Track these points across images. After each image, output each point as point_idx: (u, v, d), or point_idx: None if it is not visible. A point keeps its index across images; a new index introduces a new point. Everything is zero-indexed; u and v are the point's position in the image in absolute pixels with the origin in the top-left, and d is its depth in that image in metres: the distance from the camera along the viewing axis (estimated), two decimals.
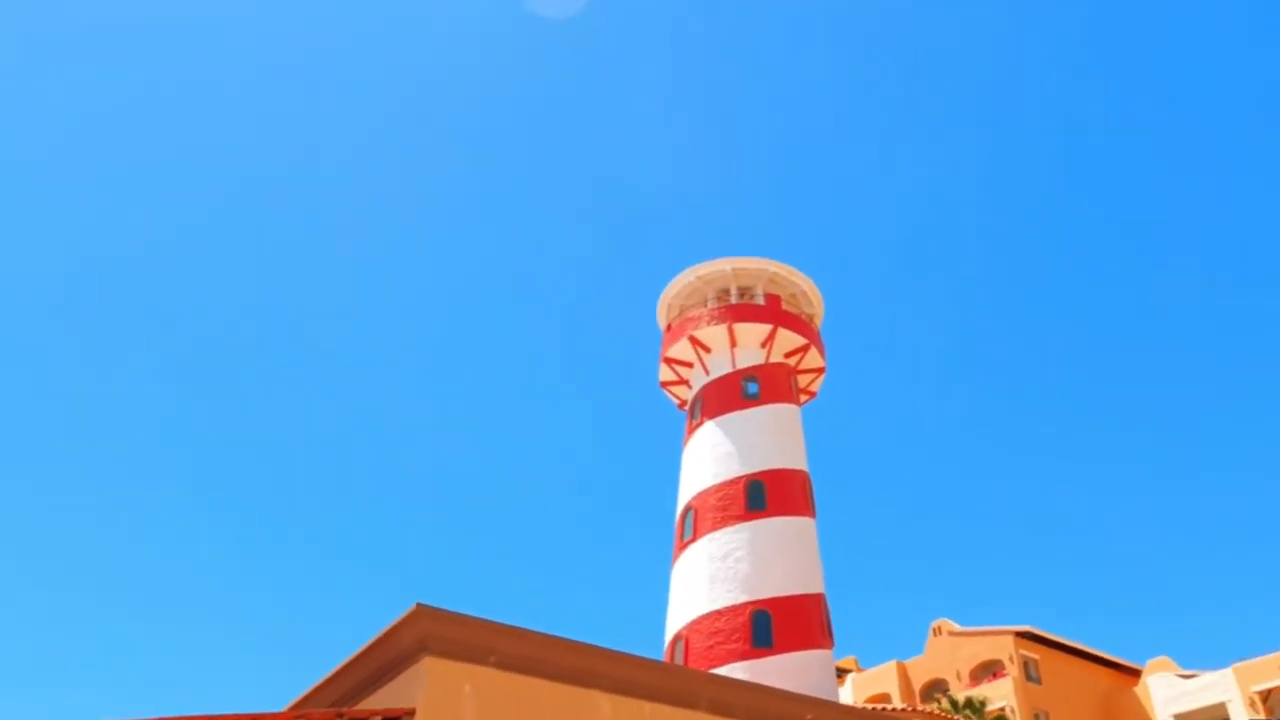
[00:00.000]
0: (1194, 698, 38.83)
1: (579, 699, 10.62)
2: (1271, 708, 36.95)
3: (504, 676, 10.23)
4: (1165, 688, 40.20)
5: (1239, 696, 37.34)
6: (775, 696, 12.36)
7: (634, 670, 11.24)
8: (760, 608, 26.64)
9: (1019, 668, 42.95)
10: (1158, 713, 39.29)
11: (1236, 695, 37.42)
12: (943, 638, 47.03)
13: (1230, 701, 37.65)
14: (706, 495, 30.26)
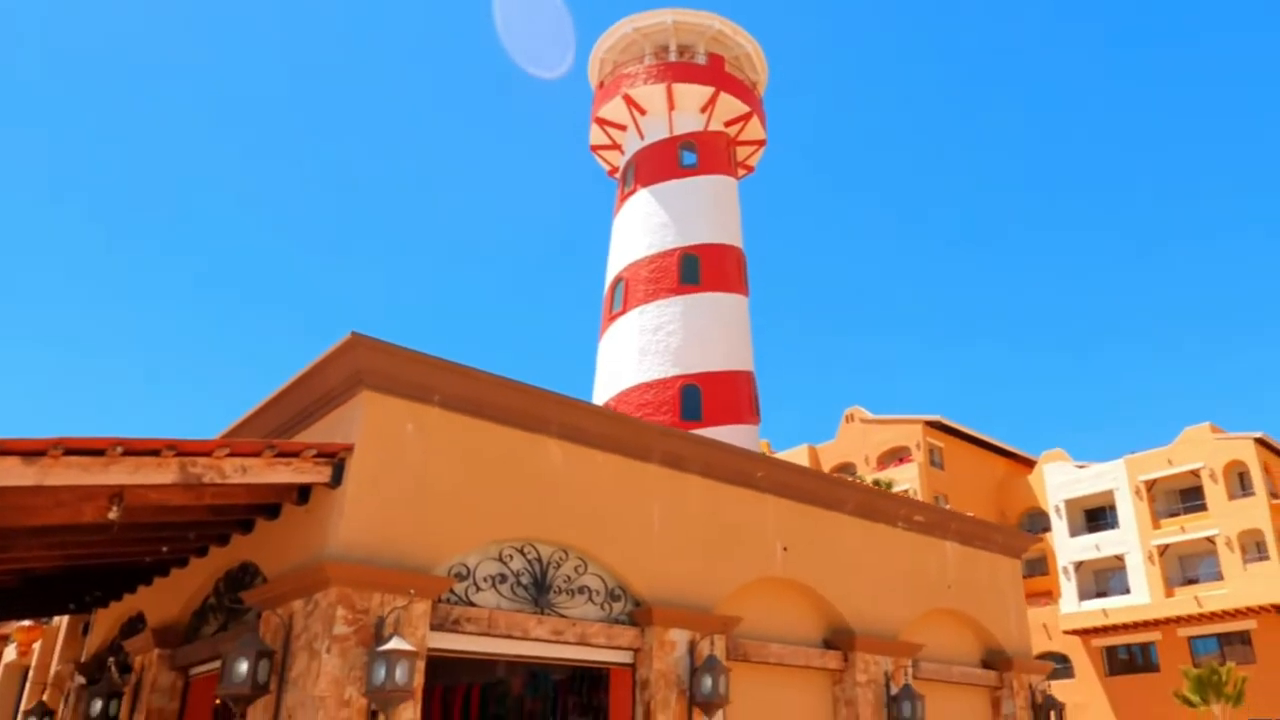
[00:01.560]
0: (1085, 485, 42.87)
1: (528, 444, 10.30)
2: (1154, 495, 41.14)
3: (449, 417, 9.73)
4: (1059, 475, 44.14)
5: (1126, 485, 41.32)
6: (729, 452, 12.41)
7: (587, 418, 10.93)
8: (690, 382, 27.04)
9: (924, 454, 46.20)
10: (1050, 498, 43.31)
11: (1125, 484, 41.40)
12: (854, 424, 49.91)
13: (1118, 489, 41.72)
14: (638, 267, 29.74)
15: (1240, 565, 37.45)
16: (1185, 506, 41.22)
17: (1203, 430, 41.13)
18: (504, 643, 9.52)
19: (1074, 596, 40.77)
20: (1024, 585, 16.46)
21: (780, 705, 11.92)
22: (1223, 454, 39.65)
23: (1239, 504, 38.77)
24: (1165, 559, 40.13)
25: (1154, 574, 39.68)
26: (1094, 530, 42.00)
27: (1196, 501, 40.42)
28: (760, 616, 11.99)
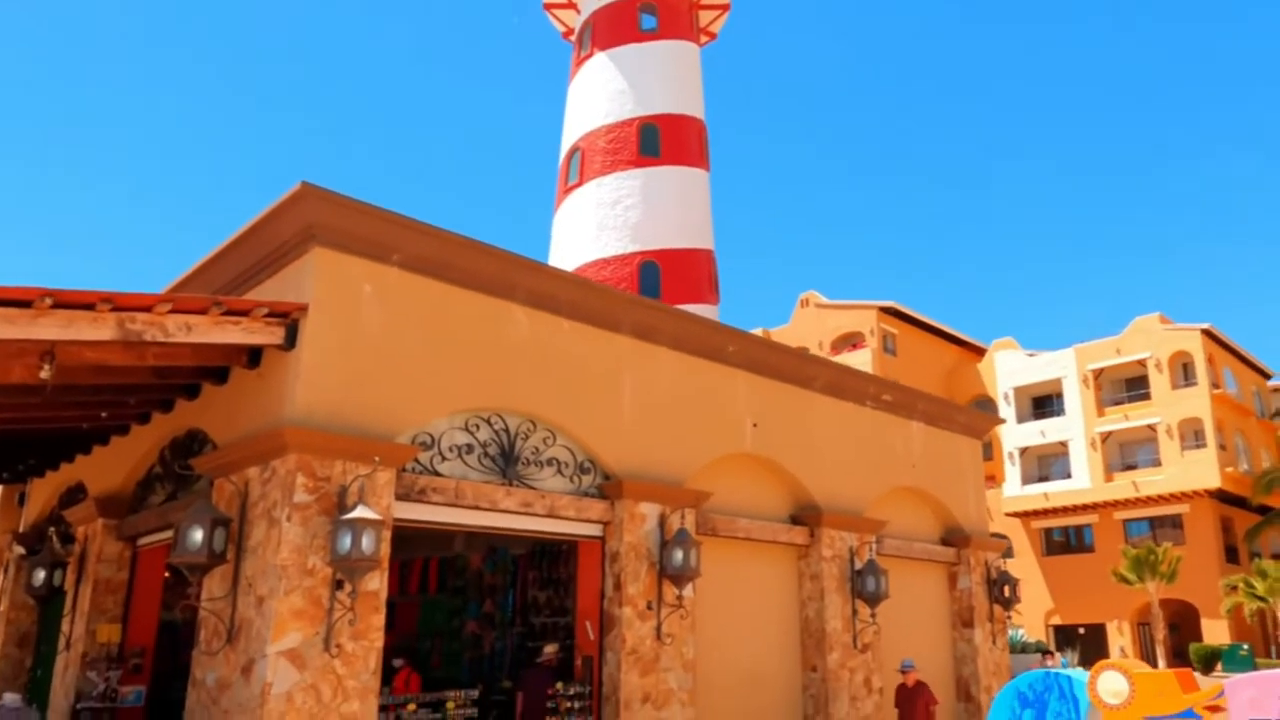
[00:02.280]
0: (1034, 372, 44.05)
1: (495, 310, 9.91)
2: (1101, 384, 42.48)
3: (410, 279, 9.26)
4: (1009, 363, 45.24)
5: (1075, 374, 42.53)
6: (700, 325, 12.19)
7: (555, 284, 10.54)
8: (649, 258, 26.61)
9: (878, 340, 46.82)
10: (999, 385, 44.47)
11: (1073, 373, 42.59)
12: (809, 309, 50.21)
13: (1066, 378, 42.94)
14: (595, 136, 28.74)
15: (1178, 452, 39.35)
16: (1130, 395, 42.81)
17: (1152, 320, 42.30)
18: (471, 514, 9.37)
19: (1017, 481, 42.54)
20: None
21: (748, 579, 12.13)
22: (1170, 344, 40.95)
23: (1181, 393, 40.40)
24: (1107, 446, 41.95)
25: (1095, 460, 41.56)
26: (1040, 417, 43.52)
27: (1141, 390, 41.97)
28: (730, 492, 12.04)
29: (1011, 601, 15.19)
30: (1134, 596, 36.62)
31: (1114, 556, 37.46)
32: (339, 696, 7.79)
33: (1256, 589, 30.89)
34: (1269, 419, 42.97)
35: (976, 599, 15.11)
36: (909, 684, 11.58)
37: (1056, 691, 6.79)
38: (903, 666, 11.71)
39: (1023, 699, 6.95)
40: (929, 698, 11.45)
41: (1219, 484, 36.98)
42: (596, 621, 10.27)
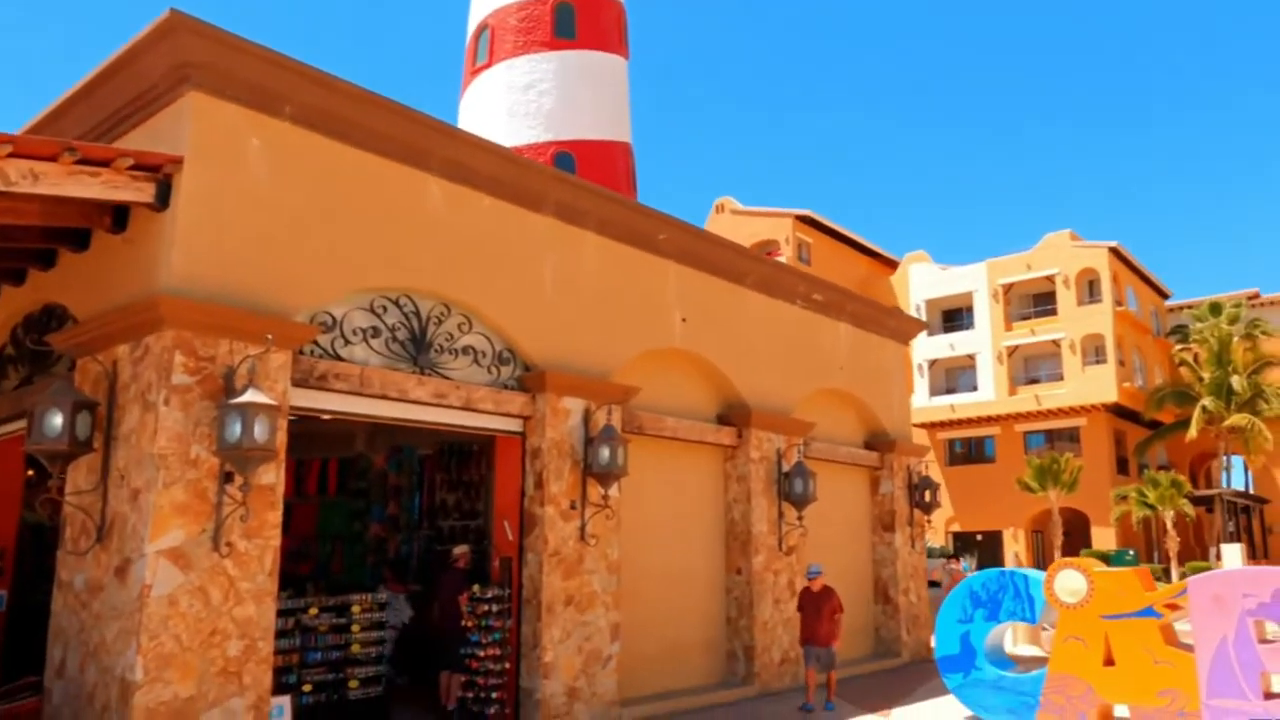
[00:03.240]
0: (946, 286, 44.98)
1: (405, 179, 9.02)
2: (1010, 299, 43.68)
3: (306, 136, 8.27)
4: (922, 276, 46.05)
5: (985, 288, 43.58)
6: (629, 209, 11.50)
7: (473, 154, 9.67)
8: (563, 149, 25.52)
9: (793, 249, 46.92)
10: (912, 298, 45.26)
11: (984, 287, 43.63)
12: (725, 215, 49.82)
13: (977, 291, 43.99)
14: (506, 13, 27.09)
15: (1080, 368, 41.07)
16: (1037, 310, 44.23)
17: (1062, 237, 43.49)
18: (379, 404, 8.64)
19: (925, 392, 43.81)
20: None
21: (674, 480, 11.81)
22: (1078, 261, 42.27)
23: (1086, 310, 41.94)
24: (1013, 360, 43.44)
25: (1001, 373, 43.05)
26: (950, 330, 44.67)
27: (1048, 306, 43.39)
28: (656, 389, 11.59)
29: (932, 506, 15.42)
30: (1029, 505, 38.49)
31: (1013, 467, 39.17)
32: (230, 600, 7.11)
33: (1149, 498, 32.78)
34: (1164, 337, 45.11)
35: (898, 503, 15.27)
36: (814, 589, 11.04)
37: (1011, 591, 6.67)
38: (809, 572, 11.22)
39: (975, 598, 6.82)
40: (835, 604, 10.91)
41: (1116, 399, 38.80)
42: (516, 522, 9.78)
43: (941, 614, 6.98)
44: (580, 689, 9.60)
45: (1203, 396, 35.82)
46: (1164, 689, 5.96)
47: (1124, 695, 6.12)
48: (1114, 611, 6.19)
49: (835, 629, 10.79)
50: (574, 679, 9.55)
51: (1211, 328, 37.54)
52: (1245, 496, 40.37)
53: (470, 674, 9.44)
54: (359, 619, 9.08)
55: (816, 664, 10.76)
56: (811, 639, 10.82)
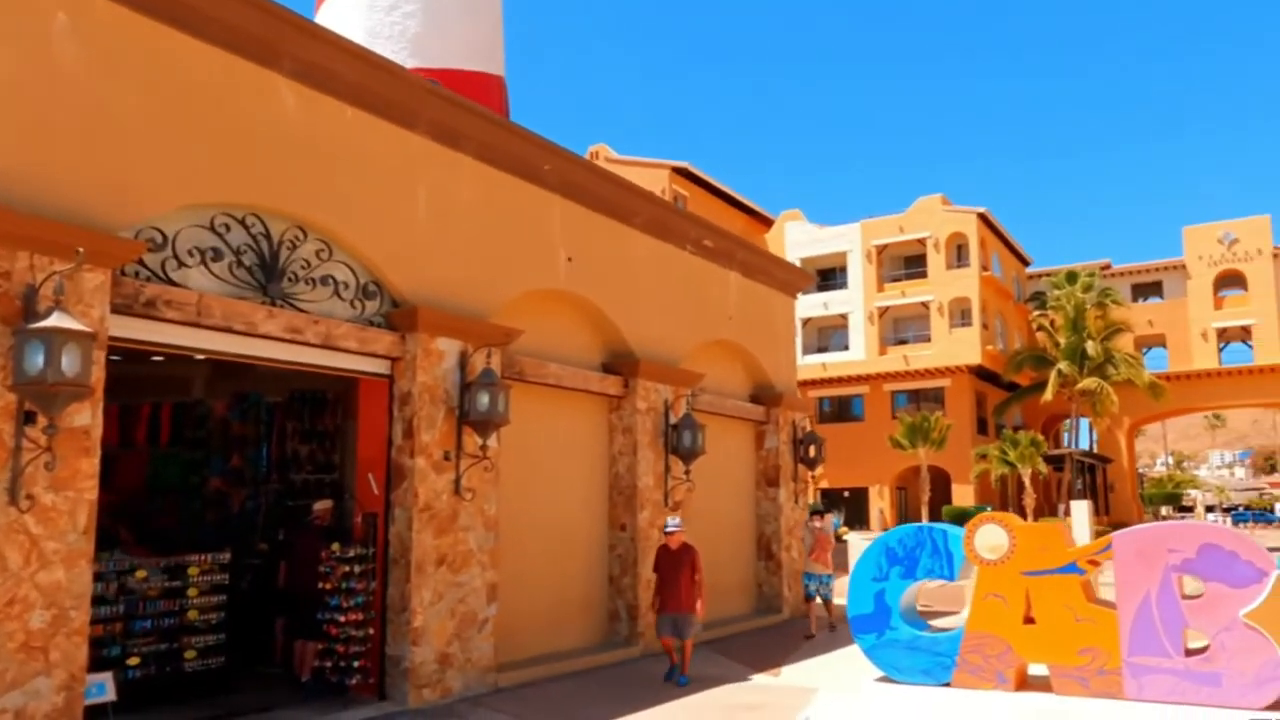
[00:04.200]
0: (821, 245, 45.70)
1: (251, 78, 7.92)
2: (883, 260, 44.77)
3: (129, 17, 7.09)
4: (798, 234, 46.62)
5: (859, 248, 44.52)
6: (513, 134, 10.62)
7: (334, 57, 8.61)
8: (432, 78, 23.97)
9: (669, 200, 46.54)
10: (787, 256, 45.74)
11: (858, 247, 44.56)
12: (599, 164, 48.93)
13: (851, 252, 44.89)
14: None
15: (947, 330, 42.62)
16: (908, 273, 45.56)
17: (934, 201, 44.82)
18: (222, 338, 7.60)
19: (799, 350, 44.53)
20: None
21: (556, 431, 11.15)
22: (948, 225, 43.67)
23: (955, 273, 43.45)
24: (883, 320, 44.73)
25: (871, 333, 44.25)
26: (824, 289, 45.53)
27: (919, 269, 44.74)
28: (539, 333, 10.87)
29: (816, 461, 15.33)
30: (895, 463, 39.86)
31: (881, 425, 40.40)
32: (34, 563, 6.05)
33: (1009, 456, 34.37)
34: (1024, 303, 47.29)
35: (782, 458, 15.11)
36: (672, 546, 9.86)
37: (929, 547, 6.37)
38: (667, 526, 10.10)
39: (891, 555, 6.50)
40: (695, 563, 9.81)
41: (979, 361, 40.46)
42: (382, 475, 8.91)
43: (855, 572, 6.64)
44: (453, 655, 8.90)
45: (1059, 361, 37.73)
46: (1085, 647, 5.79)
47: (1044, 654, 5.93)
48: (1036, 568, 5.97)
49: (696, 592, 9.74)
50: (446, 644, 8.84)
51: (1068, 295, 39.48)
52: (1091, 456, 43.07)
53: (329, 641, 8.59)
54: (196, 582, 8.09)
55: (673, 631, 9.69)
56: (669, 604, 9.68)
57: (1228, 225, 45.68)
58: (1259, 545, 5.58)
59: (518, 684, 9.56)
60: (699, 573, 9.85)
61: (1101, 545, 5.93)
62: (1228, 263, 44.96)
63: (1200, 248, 45.60)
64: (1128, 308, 43.57)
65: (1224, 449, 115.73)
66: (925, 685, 6.19)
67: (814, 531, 13.52)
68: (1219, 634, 5.54)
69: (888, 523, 41.00)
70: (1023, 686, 6.04)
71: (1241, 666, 5.48)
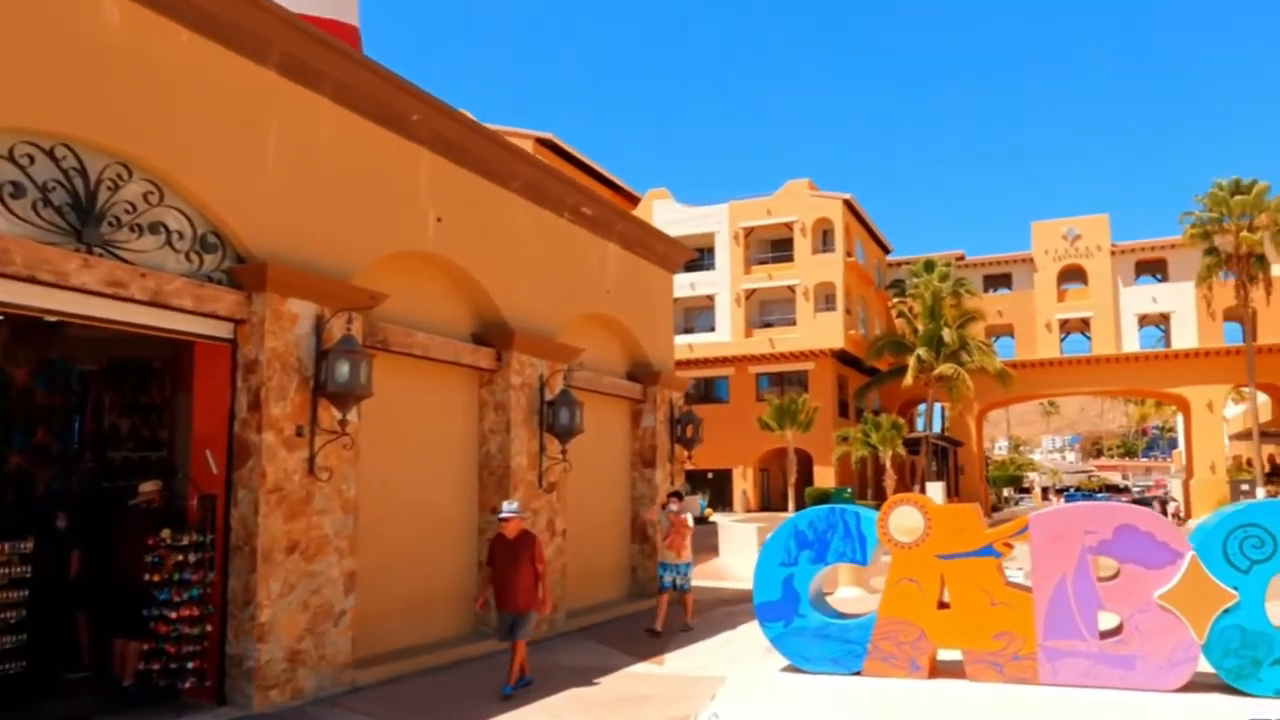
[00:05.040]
0: (689, 225, 45.67)
1: None
2: (750, 243, 45.20)
3: None
4: (665, 214, 46.47)
5: (727, 230, 44.78)
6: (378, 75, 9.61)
7: None
8: None
9: None
10: None
11: (725, 228, 44.82)
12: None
13: (718, 233, 45.10)
14: None
15: (812, 314, 43.47)
16: (775, 256, 46.20)
17: (801, 186, 45.57)
18: (23, 289, 6.49)
19: None
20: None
21: (423, 405, 10.33)
22: (815, 210, 44.47)
23: (820, 258, 44.31)
24: (750, 303, 45.21)
25: (738, 315, 44.68)
26: (691, 270, 45.60)
27: (786, 252, 45.43)
28: (405, 299, 10.03)
29: (694, 442, 15.00)
30: (758, 444, 40.42)
31: (745, 407, 40.86)
32: None
33: (872, 438, 35.29)
34: (884, 290, 48.79)
35: (659, 438, 14.71)
36: (508, 534, 8.42)
37: (841, 530, 6.01)
38: (502, 511, 8.58)
39: (801, 539, 6.10)
40: (536, 553, 8.43)
41: (843, 345, 41.43)
42: (222, 452, 7.91)
43: (761, 556, 6.22)
44: (305, 652, 8.03)
45: (917, 347, 39.01)
46: (1000, 631, 5.57)
47: (958, 639, 5.68)
48: (951, 551, 5.71)
49: (537, 587, 8.37)
50: (297, 640, 7.96)
51: (926, 284, 40.84)
52: (944, 439, 44.90)
53: (157, 640, 7.55)
54: None
55: (508, 634, 8.33)
56: (505, 601, 8.30)
57: (1072, 222, 48.36)
58: (1174, 526, 5.47)
59: (379, 681, 8.78)
60: (541, 564, 8.45)
61: (1018, 527, 5.72)
62: (1070, 258, 47.61)
63: (1046, 242, 48.11)
64: (980, 298, 45.53)
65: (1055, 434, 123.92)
66: (835, 675, 5.86)
67: (671, 516, 11.86)
68: (1133, 616, 5.42)
69: (751, 505, 41.57)
70: (934, 674, 5.78)
71: (1155, 648, 5.37)
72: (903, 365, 40.03)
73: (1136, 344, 46.86)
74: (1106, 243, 47.23)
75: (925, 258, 43.53)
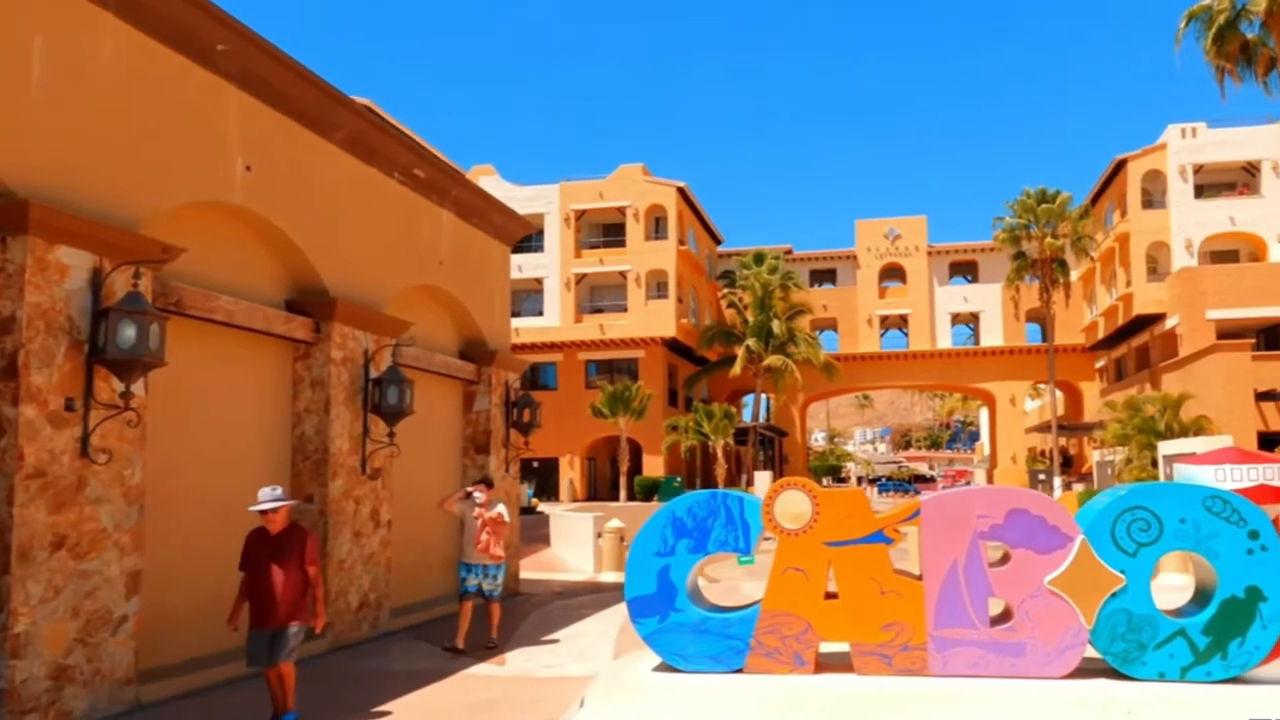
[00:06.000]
0: (518, 205, 44.54)
1: None
2: (581, 226, 44.73)
3: None
4: (493, 191, 45.25)
5: (558, 211, 44.13)
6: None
7: None
8: None
9: None
10: None
11: (556, 210, 44.14)
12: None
13: (549, 214, 44.36)
14: None
15: (643, 301, 43.46)
16: (606, 240, 45.92)
17: (635, 170, 45.46)
18: None
19: None
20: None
21: (224, 379, 9.16)
22: (649, 196, 44.45)
23: (653, 245, 44.35)
24: (580, 287, 44.71)
25: (568, 300, 44.09)
26: (518, 252, 44.57)
27: (618, 237, 45.22)
28: (206, 255, 8.84)
29: (531, 427, 14.30)
30: (586, 433, 40.12)
31: (574, 394, 40.41)
32: None
33: (704, 428, 35.57)
34: (715, 280, 49.51)
35: (494, 422, 13.92)
36: (272, 530, 6.72)
37: (723, 516, 5.52)
38: (260, 501, 6.73)
39: (678, 526, 5.57)
40: (307, 553, 6.75)
41: (674, 333, 41.66)
42: None
43: (635, 547, 5.66)
44: (76, 667, 6.84)
45: (747, 337, 39.73)
46: (890, 621, 5.28)
47: (846, 631, 5.35)
48: (840, 537, 5.34)
49: (306, 595, 6.73)
50: (65, 653, 6.76)
51: (756, 275, 41.66)
52: (771, 430, 46.07)
53: None
54: None
55: (266, 656, 6.59)
56: (266, 614, 6.57)
57: (893, 222, 50.73)
58: (1064, 509, 5.32)
59: (167, 697, 7.68)
60: (314, 566, 6.78)
61: (909, 511, 5.42)
62: (891, 256, 49.94)
63: (869, 240, 50.25)
64: (807, 292, 46.95)
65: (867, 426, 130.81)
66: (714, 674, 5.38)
67: (478, 507, 9.83)
68: (1024, 602, 5.24)
69: (578, 494, 41.16)
70: (820, 669, 5.41)
71: (1044, 635, 5.21)
72: (732, 355, 40.70)
73: (950, 341, 49.75)
74: (924, 243, 49.81)
75: (755, 250, 44.41)
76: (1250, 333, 33.89)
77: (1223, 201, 38.05)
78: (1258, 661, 5.18)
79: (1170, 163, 38.11)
